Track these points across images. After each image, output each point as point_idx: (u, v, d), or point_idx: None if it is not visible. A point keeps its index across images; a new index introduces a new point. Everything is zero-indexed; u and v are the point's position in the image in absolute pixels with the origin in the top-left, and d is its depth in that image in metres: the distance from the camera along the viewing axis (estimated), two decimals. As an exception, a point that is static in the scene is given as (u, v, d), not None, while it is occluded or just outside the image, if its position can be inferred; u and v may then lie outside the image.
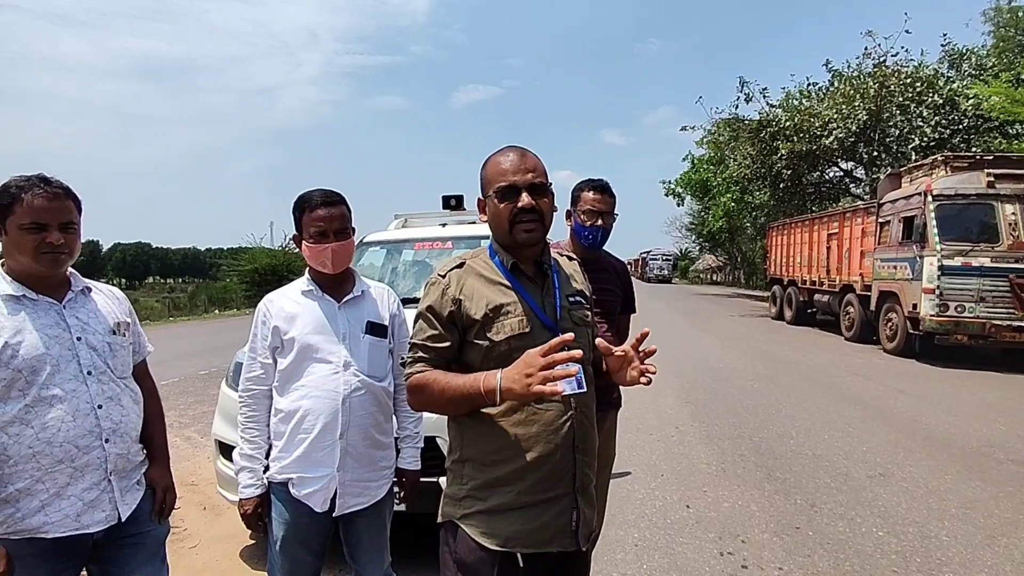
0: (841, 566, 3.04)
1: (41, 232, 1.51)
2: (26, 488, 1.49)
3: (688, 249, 57.35)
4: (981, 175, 9.16)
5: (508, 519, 1.36)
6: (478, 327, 1.39)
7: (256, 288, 21.65)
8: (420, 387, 1.39)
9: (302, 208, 1.92)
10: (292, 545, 1.88)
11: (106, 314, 1.68)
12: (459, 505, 1.41)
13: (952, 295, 8.84)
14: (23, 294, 1.54)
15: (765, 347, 11.13)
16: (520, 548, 1.36)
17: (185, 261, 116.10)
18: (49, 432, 1.50)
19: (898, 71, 17.58)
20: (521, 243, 1.43)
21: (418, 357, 1.42)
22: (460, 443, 1.44)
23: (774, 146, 18.78)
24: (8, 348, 1.47)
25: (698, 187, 35.57)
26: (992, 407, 6.47)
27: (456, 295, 1.41)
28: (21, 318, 1.52)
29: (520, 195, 1.40)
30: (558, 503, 1.38)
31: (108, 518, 1.59)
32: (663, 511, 3.73)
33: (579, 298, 1.55)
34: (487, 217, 1.49)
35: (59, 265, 1.56)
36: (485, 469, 1.39)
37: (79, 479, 1.54)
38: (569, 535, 1.39)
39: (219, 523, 3.59)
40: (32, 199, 1.50)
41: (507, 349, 1.36)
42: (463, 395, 1.33)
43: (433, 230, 4.77)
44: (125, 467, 1.65)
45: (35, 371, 1.50)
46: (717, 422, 5.79)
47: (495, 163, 1.46)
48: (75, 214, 1.59)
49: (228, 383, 3.21)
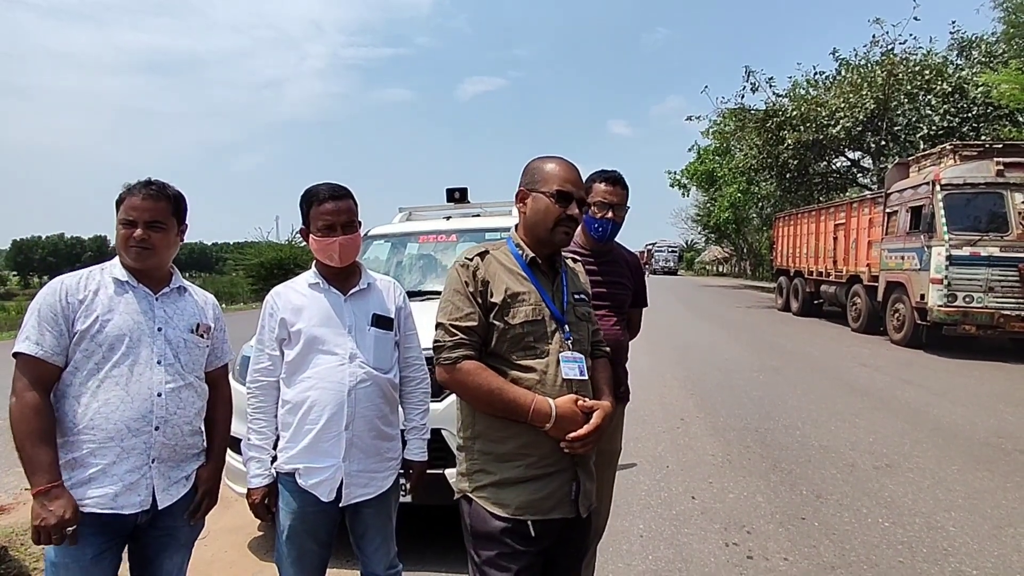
0: (847, 556, 3.04)
1: (130, 228, 1.67)
2: (80, 459, 1.61)
3: (694, 241, 57.16)
4: (990, 164, 9.07)
5: (516, 490, 1.51)
6: (497, 310, 1.54)
7: (262, 282, 21.71)
8: (468, 373, 1.51)
9: (309, 202, 1.93)
10: (300, 535, 1.90)
11: (191, 314, 1.82)
12: (471, 479, 1.56)
13: (960, 285, 8.79)
14: (127, 280, 1.71)
15: (771, 338, 11.10)
16: (529, 516, 1.50)
17: (191, 256, 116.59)
18: (109, 408, 1.62)
19: (906, 59, 17.39)
20: (557, 243, 1.61)
21: (459, 341, 1.52)
22: (472, 420, 1.58)
23: (780, 136, 18.64)
24: (98, 322, 1.63)
25: (704, 178, 35.38)
26: (1000, 397, 6.44)
27: (484, 277, 1.56)
28: (119, 300, 1.68)
29: (571, 204, 1.58)
30: (560, 476, 1.53)
31: (142, 503, 1.67)
32: (668, 502, 3.74)
33: (582, 296, 1.73)
34: (527, 208, 1.63)
35: (143, 259, 1.69)
36: (494, 445, 1.54)
37: (123, 460, 1.64)
38: (569, 503, 1.55)
39: (227, 515, 3.62)
40: (131, 199, 1.68)
41: (521, 332, 1.53)
42: (511, 407, 1.49)
43: (437, 223, 4.77)
44: (171, 457, 1.73)
45: (112, 348, 1.64)
46: (723, 413, 5.79)
47: (559, 167, 1.62)
48: (167, 215, 1.72)
49: (235, 377, 3.22)
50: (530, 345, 1.53)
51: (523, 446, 1.51)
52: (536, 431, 1.50)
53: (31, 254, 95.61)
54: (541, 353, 1.54)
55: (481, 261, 1.59)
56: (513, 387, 1.50)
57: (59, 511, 1.51)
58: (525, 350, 1.53)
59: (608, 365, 1.78)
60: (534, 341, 1.54)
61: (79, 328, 1.61)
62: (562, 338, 1.57)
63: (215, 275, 41.79)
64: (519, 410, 1.47)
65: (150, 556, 1.77)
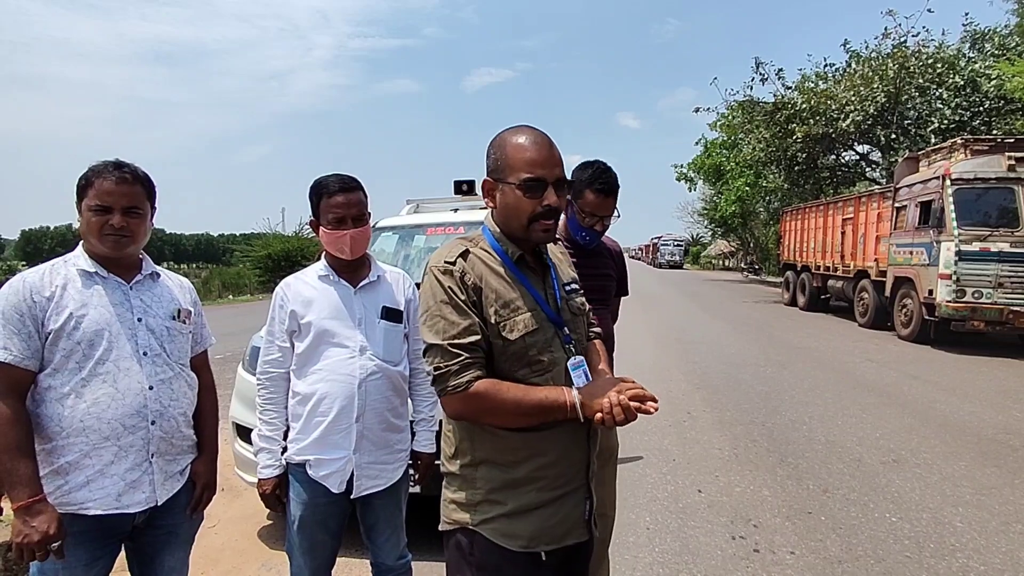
0: (854, 551, 3.04)
1: (105, 215, 1.57)
2: (75, 462, 1.54)
3: (700, 234, 56.88)
4: (1002, 158, 8.98)
5: (528, 519, 1.33)
6: (491, 325, 1.31)
7: (269, 274, 21.79)
8: (485, 396, 1.27)
9: (319, 194, 1.92)
10: (310, 526, 1.91)
11: (169, 300, 1.74)
12: (475, 511, 1.35)
13: (969, 281, 8.73)
14: (96, 271, 1.61)
15: (778, 333, 11.06)
16: (543, 546, 1.33)
17: (199, 247, 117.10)
18: (99, 407, 1.54)
19: (919, 52, 17.17)
20: (536, 242, 1.37)
21: (465, 362, 1.27)
22: (471, 446, 1.36)
23: (789, 129, 18.48)
24: (72, 319, 1.54)
25: (711, 171, 35.14)
26: (1008, 393, 6.41)
27: (474, 282, 1.31)
28: (90, 293, 1.58)
29: (546, 191, 1.30)
30: (574, 496, 1.37)
31: (147, 500, 1.62)
32: (675, 495, 3.75)
33: (574, 285, 1.51)
34: (495, 204, 1.37)
35: (120, 247, 1.61)
36: (504, 471, 1.33)
37: (123, 458, 1.58)
38: (583, 525, 1.39)
39: (237, 504, 3.65)
40: (101, 183, 1.57)
41: (522, 347, 1.31)
42: (543, 407, 1.26)
43: (445, 215, 4.77)
44: (168, 451, 1.67)
45: (92, 345, 1.55)
46: (729, 408, 5.78)
47: (519, 148, 1.32)
48: (142, 200, 1.64)
49: (244, 367, 3.25)
50: (535, 359, 1.32)
51: (537, 469, 1.32)
52: (553, 449, 1.33)
53: (40, 244, 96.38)
54: (549, 366, 1.33)
55: (465, 263, 1.32)
56: (534, 388, 1.28)
57: (42, 526, 1.43)
58: (530, 366, 1.32)
59: (602, 345, 1.61)
60: (538, 354, 1.32)
61: (52, 327, 1.51)
62: (562, 343, 1.37)
63: (222, 266, 41.91)
64: (555, 405, 1.26)
65: (151, 555, 1.72)
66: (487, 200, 1.39)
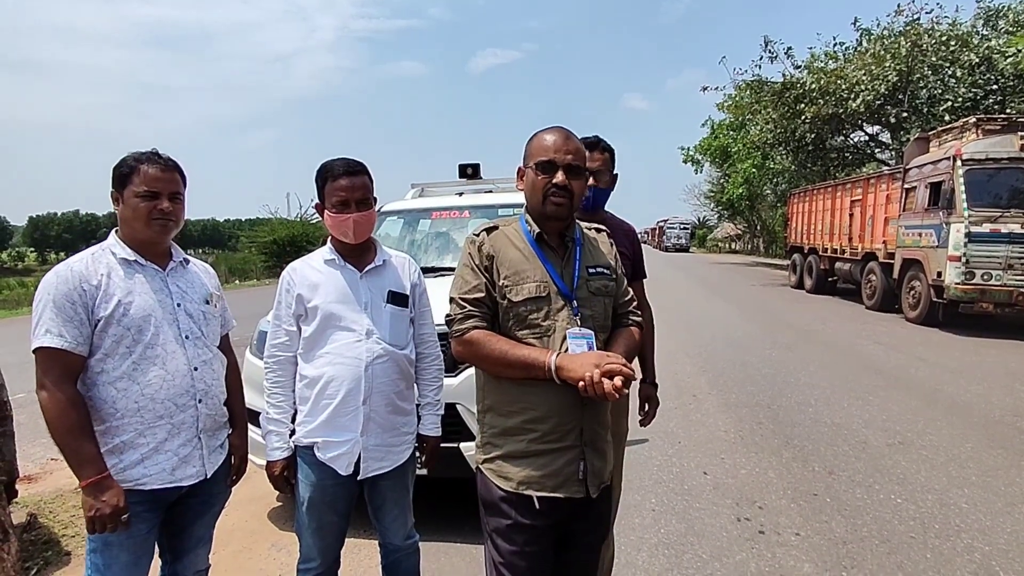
0: (859, 531, 3.06)
1: (154, 200, 1.64)
2: (129, 441, 1.63)
3: (706, 217, 56.53)
4: (1014, 138, 8.84)
5: (520, 464, 1.52)
6: (500, 286, 1.54)
7: (275, 259, 21.87)
8: (477, 343, 1.51)
9: (324, 177, 1.92)
10: (319, 507, 1.94)
11: (200, 285, 1.83)
12: (482, 451, 1.61)
13: (979, 262, 8.65)
14: (135, 259, 1.68)
15: (784, 316, 11.04)
16: (532, 491, 1.50)
17: (204, 232, 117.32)
18: (152, 389, 1.64)
19: (932, 29, 16.84)
20: (549, 214, 1.58)
21: (468, 313, 1.53)
22: (483, 394, 1.61)
23: (798, 109, 18.24)
24: (121, 306, 1.62)
25: (718, 153, 34.81)
26: (1016, 376, 6.38)
27: (489, 251, 1.57)
28: (133, 281, 1.67)
29: (556, 171, 1.55)
30: (566, 453, 1.52)
31: (198, 473, 1.74)
32: (680, 477, 3.77)
33: (602, 269, 1.65)
34: (524, 185, 1.63)
35: (167, 232, 1.69)
36: (501, 419, 1.56)
37: (176, 435, 1.69)
38: (577, 483, 1.52)
39: (247, 485, 3.69)
40: (148, 169, 1.64)
41: (525, 310, 1.52)
42: (524, 363, 1.46)
43: (450, 199, 4.75)
44: (213, 427, 1.80)
45: (141, 330, 1.64)
46: (735, 390, 5.79)
47: (540, 139, 1.60)
48: (181, 187, 1.72)
49: (252, 351, 3.27)
50: (534, 323, 1.52)
51: (528, 421, 1.51)
52: (542, 405, 1.49)
53: (47, 231, 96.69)
54: (547, 331, 1.51)
55: (488, 236, 1.61)
56: (523, 346, 1.49)
57: (112, 500, 1.55)
58: (529, 328, 1.52)
59: (633, 334, 1.66)
60: (538, 319, 1.52)
61: (102, 315, 1.59)
62: (570, 315, 1.53)
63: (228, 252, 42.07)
64: (535, 364, 1.44)
65: (183, 525, 1.82)
66: (518, 183, 1.67)
